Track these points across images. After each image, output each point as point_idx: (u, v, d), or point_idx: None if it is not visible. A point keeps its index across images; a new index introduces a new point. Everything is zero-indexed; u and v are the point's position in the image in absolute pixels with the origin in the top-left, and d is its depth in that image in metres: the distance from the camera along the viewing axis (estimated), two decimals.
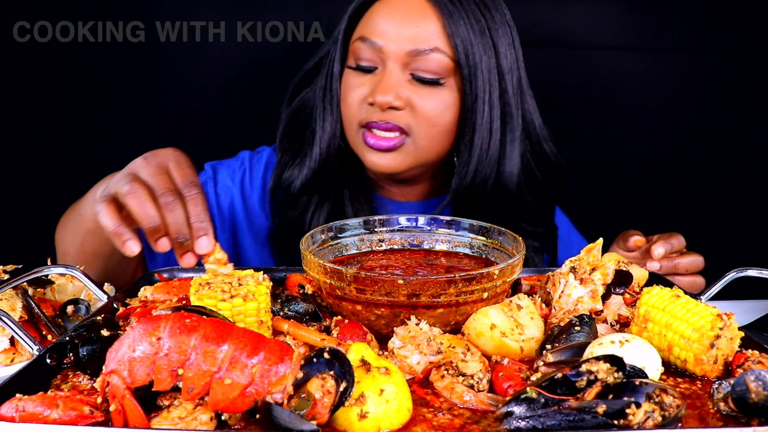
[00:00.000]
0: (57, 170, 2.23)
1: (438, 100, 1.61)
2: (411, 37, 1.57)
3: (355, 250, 1.41)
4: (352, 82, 1.65)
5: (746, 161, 2.35)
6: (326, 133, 1.70)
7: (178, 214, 1.15)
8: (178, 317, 0.90)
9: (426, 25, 1.57)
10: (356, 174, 1.77)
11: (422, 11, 1.58)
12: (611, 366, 0.89)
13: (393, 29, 1.58)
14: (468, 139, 1.64)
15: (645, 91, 2.30)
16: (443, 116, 1.62)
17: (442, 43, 1.57)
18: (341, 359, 0.87)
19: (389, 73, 1.59)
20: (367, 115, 1.62)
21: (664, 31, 2.25)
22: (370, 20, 1.63)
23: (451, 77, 1.61)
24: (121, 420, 0.86)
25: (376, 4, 1.64)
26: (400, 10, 1.59)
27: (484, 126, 1.62)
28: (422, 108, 1.60)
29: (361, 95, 1.63)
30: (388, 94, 1.57)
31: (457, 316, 1.15)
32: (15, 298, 1.28)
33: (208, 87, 2.24)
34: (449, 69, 1.59)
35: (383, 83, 1.58)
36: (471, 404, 0.95)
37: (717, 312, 1.04)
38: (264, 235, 1.84)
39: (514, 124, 1.67)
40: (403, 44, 1.57)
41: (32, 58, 2.08)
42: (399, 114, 1.60)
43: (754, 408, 0.88)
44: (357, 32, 1.65)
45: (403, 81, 1.60)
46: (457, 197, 1.70)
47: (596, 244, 1.28)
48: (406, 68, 1.60)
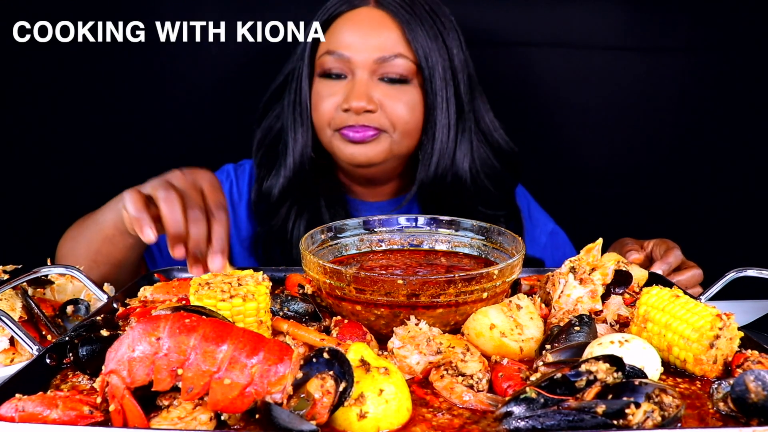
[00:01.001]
0: (57, 170, 2.23)
1: (405, 100, 1.74)
2: (376, 46, 1.71)
3: (354, 250, 1.41)
4: (323, 90, 1.76)
5: (746, 161, 2.35)
6: (298, 143, 1.82)
7: (201, 229, 1.24)
8: (177, 317, 0.90)
9: (388, 34, 1.72)
10: (328, 182, 1.90)
11: (383, 23, 1.73)
12: (611, 366, 0.89)
13: (358, 41, 1.72)
14: (430, 134, 1.79)
15: (645, 91, 2.30)
16: (412, 112, 1.76)
17: (404, 49, 1.72)
18: (341, 359, 0.87)
19: (360, 80, 1.72)
20: (341, 120, 1.74)
21: (664, 31, 2.25)
22: (334, 35, 1.75)
23: (415, 78, 1.75)
24: (120, 420, 0.86)
25: (339, 20, 1.76)
26: (364, 23, 1.73)
27: (443, 122, 1.77)
28: (392, 106, 1.73)
29: (334, 103, 1.74)
30: (362, 99, 1.69)
31: (456, 316, 1.15)
32: (15, 298, 1.28)
33: (207, 87, 2.24)
34: (412, 71, 1.74)
35: (356, 90, 1.71)
36: (470, 404, 0.95)
37: (717, 312, 1.04)
38: (249, 243, 1.93)
39: (465, 117, 1.82)
40: (369, 53, 1.71)
41: (32, 58, 2.08)
42: (372, 116, 1.72)
43: (753, 408, 0.88)
44: (323, 47, 1.76)
45: (373, 85, 1.73)
46: (422, 189, 1.83)
47: (596, 244, 1.28)
48: (374, 74, 1.73)
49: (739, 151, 2.34)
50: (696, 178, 2.37)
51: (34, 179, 2.23)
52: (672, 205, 2.38)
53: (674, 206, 2.38)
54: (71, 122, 2.19)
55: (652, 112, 2.32)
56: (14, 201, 2.22)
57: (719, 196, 2.38)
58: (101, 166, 2.23)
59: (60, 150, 2.21)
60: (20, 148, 2.21)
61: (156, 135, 2.25)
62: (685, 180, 2.37)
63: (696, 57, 2.26)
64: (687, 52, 2.26)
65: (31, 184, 2.23)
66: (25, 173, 2.22)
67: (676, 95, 2.30)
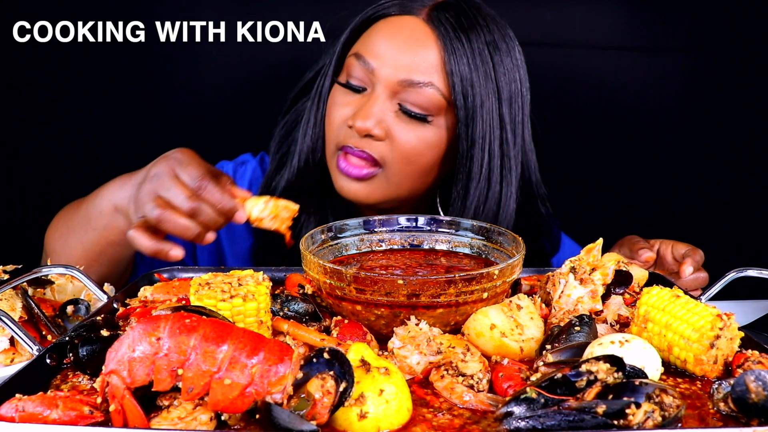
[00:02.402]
0: (57, 170, 2.23)
1: (421, 137, 1.53)
2: (406, 66, 1.50)
3: (354, 250, 1.41)
4: (338, 99, 1.60)
5: (746, 161, 2.35)
6: (306, 145, 1.67)
7: (206, 212, 1.28)
8: (177, 317, 0.90)
9: (425, 55, 1.50)
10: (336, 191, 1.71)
11: (423, 40, 1.51)
12: (611, 366, 0.89)
13: (390, 53, 1.51)
14: (462, 186, 1.56)
15: (645, 91, 2.30)
16: (423, 155, 1.55)
17: (439, 78, 1.50)
18: (341, 359, 0.87)
19: (375, 99, 1.52)
20: (344, 137, 1.56)
21: (664, 31, 2.25)
22: (369, 38, 1.57)
23: (441, 116, 1.53)
24: (120, 420, 0.86)
25: (379, 23, 1.57)
26: (402, 35, 1.52)
27: (483, 175, 1.54)
28: (402, 143, 1.53)
29: (343, 116, 1.57)
30: (369, 120, 1.51)
31: (456, 316, 1.15)
32: (15, 298, 1.28)
33: (207, 87, 2.24)
34: (440, 107, 1.52)
35: (366, 108, 1.52)
36: (471, 404, 0.95)
37: (717, 312, 1.03)
38: (246, 252, 1.82)
39: (512, 178, 1.57)
40: (397, 72, 1.51)
41: (32, 58, 2.08)
42: (376, 144, 1.54)
43: (754, 408, 0.88)
44: (354, 47, 1.60)
45: (388, 110, 1.52)
46: None
47: (596, 244, 1.28)
48: (394, 97, 1.53)
49: (739, 151, 2.35)
50: (696, 178, 2.38)
51: (34, 179, 2.23)
52: (672, 204, 2.39)
53: (674, 206, 2.38)
54: (71, 122, 2.20)
55: (652, 112, 2.32)
56: (14, 201, 2.22)
57: (719, 196, 2.38)
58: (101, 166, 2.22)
59: (60, 150, 2.22)
60: (20, 148, 2.21)
61: (156, 134, 2.25)
62: (686, 180, 2.38)
63: (696, 57, 2.27)
64: (687, 52, 2.26)
65: (31, 183, 2.23)
66: (26, 173, 2.22)
67: (677, 95, 2.31)
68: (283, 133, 1.79)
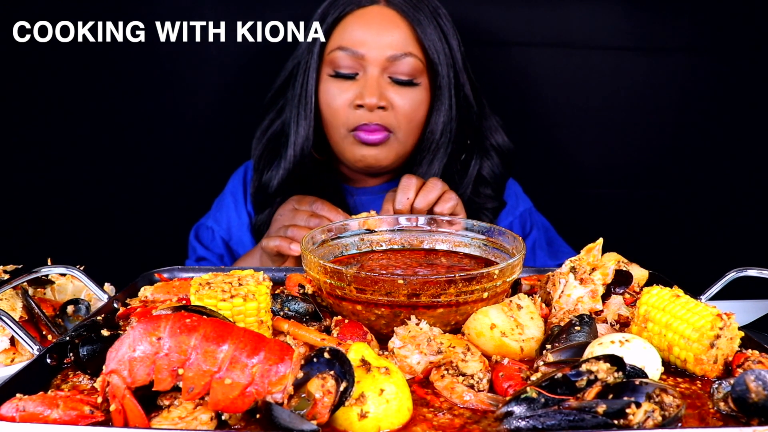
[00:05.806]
0: (57, 170, 2.23)
1: (413, 98, 1.83)
2: (388, 44, 1.79)
3: (355, 250, 1.41)
4: (334, 89, 1.83)
5: (746, 161, 2.35)
6: (300, 137, 1.88)
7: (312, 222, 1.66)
8: (178, 317, 0.90)
9: (399, 32, 1.80)
10: (326, 177, 1.99)
11: (394, 21, 1.81)
12: (611, 366, 0.89)
13: (371, 38, 1.78)
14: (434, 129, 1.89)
15: (645, 91, 2.30)
16: (418, 110, 1.86)
17: (414, 47, 1.81)
18: (341, 359, 0.87)
19: (372, 77, 1.79)
20: (356, 119, 1.81)
21: (664, 31, 2.25)
22: (346, 31, 1.81)
23: (423, 77, 1.84)
24: (121, 420, 0.86)
25: (349, 17, 1.82)
26: (375, 21, 1.80)
27: (445, 118, 1.88)
28: (401, 107, 1.82)
29: (346, 100, 1.81)
30: (374, 95, 1.78)
31: (457, 316, 1.15)
32: (15, 298, 1.28)
33: (207, 87, 2.24)
34: (420, 70, 1.83)
35: (368, 87, 1.79)
36: (471, 404, 0.95)
37: (717, 312, 1.04)
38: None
39: (470, 116, 1.91)
40: (382, 51, 1.78)
41: (32, 58, 2.08)
42: (384, 114, 1.81)
43: (754, 408, 0.88)
44: (333, 43, 1.82)
45: (383, 83, 1.81)
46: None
47: (596, 244, 1.28)
48: (384, 72, 1.80)
49: (739, 151, 2.34)
50: (696, 178, 2.37)
51: (34, 179, 2.23)
52: (672, 205, 2.38)
53: (674, 206, 2.38)
54: (71, 122, 2.19)
55: (652, 112, 2.32)
56: (14, 201, 2.22)
57: (719, 196, 2.38)
58: (101, 166, 2.23)
59: (60, 150, 2.21)
60: (20, 148, 2.21)
61: (156, 135, 2.25)
62: (685, 180, 2.38)
63: (696, 57, 2.27)
64: (687, 52, 2.26)
65: (31, 184, 2.23)
66: (25, 173, 2.22)
67: (677, 95, 2.30)
68: (267, 133, 1.98)
